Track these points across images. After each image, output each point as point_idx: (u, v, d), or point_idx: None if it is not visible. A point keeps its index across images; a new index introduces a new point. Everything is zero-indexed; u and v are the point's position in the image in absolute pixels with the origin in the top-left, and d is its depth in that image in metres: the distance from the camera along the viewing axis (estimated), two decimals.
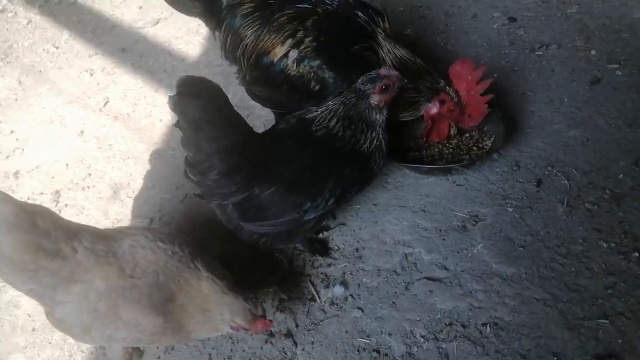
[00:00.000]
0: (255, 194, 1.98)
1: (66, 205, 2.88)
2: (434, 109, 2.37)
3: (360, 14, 2.30)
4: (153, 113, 3.32)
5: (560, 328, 1.97)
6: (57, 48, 4.00)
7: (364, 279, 2.22)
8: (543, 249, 2.17)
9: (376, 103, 2.04)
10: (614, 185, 2.33)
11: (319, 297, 2.19)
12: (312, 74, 2.22)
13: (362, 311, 2.11)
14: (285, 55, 2.24)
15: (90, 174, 3.04)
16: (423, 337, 2.01)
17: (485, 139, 2.55)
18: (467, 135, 2.59)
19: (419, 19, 3.51)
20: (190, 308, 1.78)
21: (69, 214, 2.81)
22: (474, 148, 2.53)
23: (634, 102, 2.66)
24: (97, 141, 3.23)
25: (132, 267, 1.76)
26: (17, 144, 3.33)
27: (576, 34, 3.08)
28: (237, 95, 3.23)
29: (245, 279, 2.29)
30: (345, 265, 2.28)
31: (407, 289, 2.14)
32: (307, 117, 2.11)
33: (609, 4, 3.21)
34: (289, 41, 2.23)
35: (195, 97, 1.77)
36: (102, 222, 2.74)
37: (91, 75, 3.70)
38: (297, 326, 2.13)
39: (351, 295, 2.18)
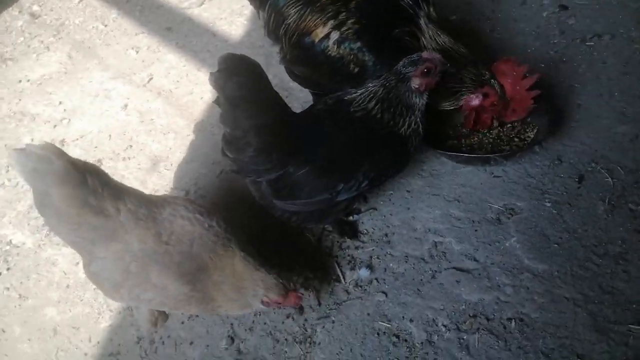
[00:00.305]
0: (290, 173, 1.99)
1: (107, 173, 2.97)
2: (475, 100, 2.30)
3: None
4: (195, 91, 3.38)
5: (588, 330, 1.90)
6: (105, 26, 4.12)
7: (391, 264, 2.20)
8: (579, 248, 2.09)
9: (417, 86, 2.00)
10: None
11: (344, 278, 2.19)
12: (352, 56, 2.20)
13: (386, 295, 2.10)
14: (327, 36, 2.23)
15: (131, 146, 3.13)
16: (445, 326, 1.98)
17: (527, 130, 2.46)
18: (508, 125, 2.51)
19: (465, 5, 3.41)
20: (223, 286, 1.82)
21: None
22: (515, 139, 2.45)
23: None
24: (140, 115, 3.31)
25: (169, 234, 1.81)
26: (64, 114, 3.46)
27: (633, 24, 2.93)
28: (277, 77, 3.25)
29: (274, 255, 2.31)
30: (372, 249, 2.27)
31: (433, 278, 2.11)
32: (345, 98, 2.10)
33: None
34: (331, 22, 2.21)
35: (235, 74, 1.78)
36: (139, 188, 2.82)
37: (137, 52, 3.79)
38: (319, 304, 2.14)
39: (376, 279, 2.17)
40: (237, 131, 1.86)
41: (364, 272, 2.17)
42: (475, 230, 2.23)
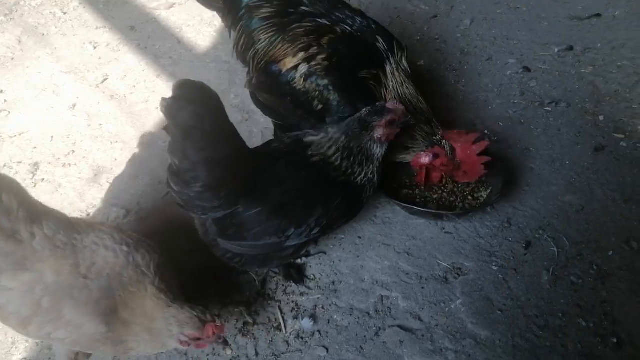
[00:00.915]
0: (238, 212, 1.89)
1: (43, 179, 2.77)
2: (425, 159, 2.30)
3: (380, 41, 2.23)
4: (150, 99, 3.22)
5: None
6: (64, 13, 3.88)
7: (335, 316, 2.15)
8: (521, 317, 2.11)
9: (379, 136, 1.97)
10: (602, 262, 2.29)
11: (285, 327, 2.11)
12: (318, 93, 2.15)
13: (327, 351, 2.04)
14: (295, 67, 2.17)
15: (74, 151, 2.93)
16: None
17: (481, 189, 2.49)
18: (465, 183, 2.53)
19: (435, 52, 3.45)
20: (134, 327, 1.68)
21: (44, 190, 2.71)
22: (469, 197, 2.47)
23: (633, 177, 2.63)
24: (88, 118, 3.12)
25: (88, 265, 1.66)
26: (4, 105, 3.21)
27: (587, 95, 3.05)
28: (239, 97, 3.16)
29: (211, 296, 2.21)
30: (318, 298, 2.20)
31: (377, 335, 2.07)
32: (304, 139, 2.03)
33: (624, 72, 3.18)
34: (301, 54, 2.16)
35: (190, 103, 1.67)
36: (76, 204, 2.64)
37: (95, 48, 3.59)
38: (257, 354, 2.05)
39: (319, 331, 2.10)
40: (185, 163, 1.74)
41: (306, 323, 2.10)
42: (422, 288, 2.22)
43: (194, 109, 1.66)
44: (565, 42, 3.40)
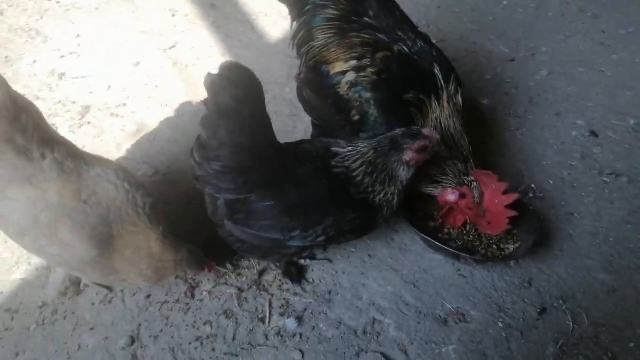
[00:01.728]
0: (251, 200, 1.87)
1: (89, 122, 2.87)
2: (451, 196, 2.20)
3: (437, 69, 2.16)
4: None
5: None
6: None
7: (321, 325, 2.07)
8: None
9: (408, 159, 1.91)
10: (619, 350, 2.08)
11: (269, 321, 2.06)
12: (358, 103, 2.11)
13: (302, 356, 1.97)
14: (343, 73, 2.14)
15: (125, 104, 3.02)
16: None
17: (509, 241, 2.34)
18: None
19: (502, 95, 3.33)
20: (140, 265, 1.78)
21: (87, 133, 2.80)
22: (494, 246, 2.33)
23: None
24: (147, 77, 3.22)
25: (89, 193, 1.73)
26: (76, 48, 3.37)
27: None
28: (293, 92, 3.15)
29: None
30: (310, 302, 2.14)
31: (357, 355, 1.98)
32: (332, 149, 1.99)
33: None
34: (353, 62, 2.13)
35: (233, 85, 1.67)
36: (112, 152, 2.71)
37: (172, 15, 3.71)
38: (234, 339, 2.00)
39: (300, 334, 2.03)
40: (213, 140, 1.75)
41: (290, 323, 2.04)
42: (418, 323, 2.10)
43: (236, 92, 1.67)
44: None
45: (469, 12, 4.09)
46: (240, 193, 1.86)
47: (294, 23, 2.38)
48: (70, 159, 1.77)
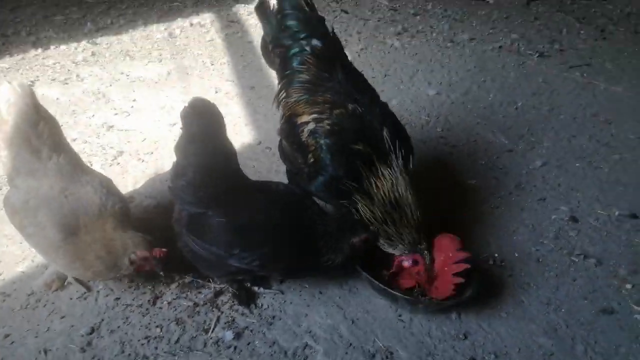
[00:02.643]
0: (208, 215, 2.22)
1: (118, 164, 3.43)
2: (406, 262, 2.41)
3: (386, 132, 2.48)
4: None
5: None
6: (212, 64, 4.82)
7: (257, 342, 2.26)
8: None
9: (354, 242, 2.30)
10: None
11: (212, 331, 2.28)
12: (314, 148, 2.48)
13: None
14: (306, 123, 2.54)
15: (152, 153, 3.58)
16: None
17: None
18: None
19: (491, 179, 3.52)
20: (94, 245, 2.12)
21: (114, 171, 3.34)
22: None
23: (628, 351, 2.35)
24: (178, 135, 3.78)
25: (72, 192, 2.18)
26: (130, 109, 4.08)
27: (627, 262, 2.83)
28: None
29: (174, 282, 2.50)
30: (253, 322, 2.35)
31: None
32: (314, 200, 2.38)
33: None
34: (315, 115, 2.53)
35: (198, 116, 2.14)
36: (127, 187, 3.19)
37: (216, 92, 4.38)
38: (176, 342, 2.24)
39: (235, 347, 2.23)
40: (182, 160, 2.19)
41: (228, 335, 2.25)
42: (346, 353, 2.23)
43: (200, 122, 2.12)
44: (630, 210, 3.23)
45: (480, 109, 4.42)
46: (199, 207, 2.22)
47: (278, 86, 2.86)
48: (70, 166, 2.29)
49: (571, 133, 4.08)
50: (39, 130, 2.23)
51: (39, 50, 4.80)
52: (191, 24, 5.63)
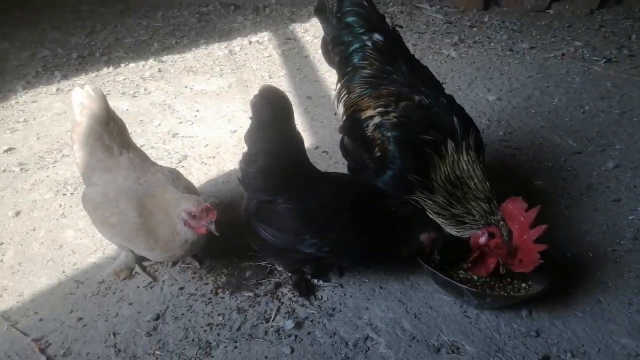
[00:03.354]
0: (278, 202, 2.25)
1: (183, 166, 3.54)
2: (482, 238, 2.27)
3: (456, 121, 2.42)
4: None
5: None
6: (270, 77, 4.95)
7: (317, 332, 2.23)
8: None
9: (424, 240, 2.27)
10: None
11: (273, 320, 2.27)
12: (381, 142, 2.44)
13: (292, 352, 2.13)
14: (371, 117, 2.52)
15: (214, 157, 3.68)
16: None
17: (522, 290, 2.34)
18: (508, 279, 2.41)
19: (559, 180, 3.38)
20: (155, 211, 2.22)
21: None
22: (503, 292, 2.34)
23: None
24: (239, 141, 3.88)
25: (145, 180, 2.30)
26: (193, 118, 4.23)
27: None
28: None
29: (238, 272, 2.53)
30: (313, 313, 2.32)
31: None
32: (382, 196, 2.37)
33: None
34: (380, 109, 2.50)
35: (269, 103, 2.17)
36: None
37: None
38: (238, 329, 2.25)
39: (296, 335, 2.21)
40: (253, 148, 2.23)
41: (289, 324, 2.23)
42: (410, 346, 2.15)
43: (270, 109, 2.16)
44: None
45: (544, 114, 4.27)
46: (269, 195, 2.25)
47: (338, 85, 2.87)
48: (139, 159, 2.41)
49: None
50: (110, 130, 2.37)
51: (111, 68, 5.10)
52: (250, 42, 5.82)
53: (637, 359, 2.10)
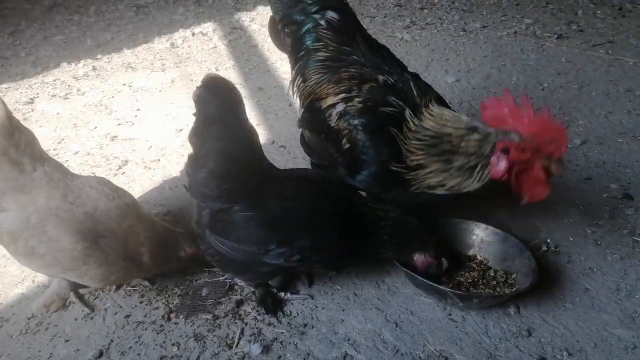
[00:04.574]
0: (234, 210, 1.94)
1: (124, 173, 3.17)
2: (501, 164, 1.88)
3: (415, 89, 2.19)
4: None
5: None
6: (217, 70, 4.59)
7: (288, 355, 1.96)
8: None
9: (417, 259, 2.13)
10: None
11: (236, 346, 1.99)
12: (348, 132, 2.17)
13: None
14: (333, 105, 2.24)
15: (159, 160, 3.33)
16: None
17: (506, 288, 2.15)
18: (491, 274, 2.22)
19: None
20: (149, 242, 2.00)
21: (119, 181, 3.08)
22: (489, 291, 2.14)
23: None
24: (185, 141, 3.52)
25: (75, 197, 1.94)
26: (133, 119, 3.84)
27: None
28: None
29: (192, 292, 2.22)
30: (282, 333, 2.05)
31: None
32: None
33: None
34: (342, 95, 2.23)
35: (217, 95, 1.85)
36: (135, 196, 2.92)
37: None
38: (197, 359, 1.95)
39: None
40: (202, 149, 1.89)
41: (255, 349, 1.95)
42: None
43: (218, 101, 1.83)
44: None
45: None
46: (224, 202, 1.93)
47: (292, 72, 2.57)
48: (58, 172, 2.02)
49: (607, 109, 3.79)
50: (16, 141, 1.93)
51: (39, 68, 4.61)
52: (193, 34, 5.44)
53: (635, 351, 1.94)
